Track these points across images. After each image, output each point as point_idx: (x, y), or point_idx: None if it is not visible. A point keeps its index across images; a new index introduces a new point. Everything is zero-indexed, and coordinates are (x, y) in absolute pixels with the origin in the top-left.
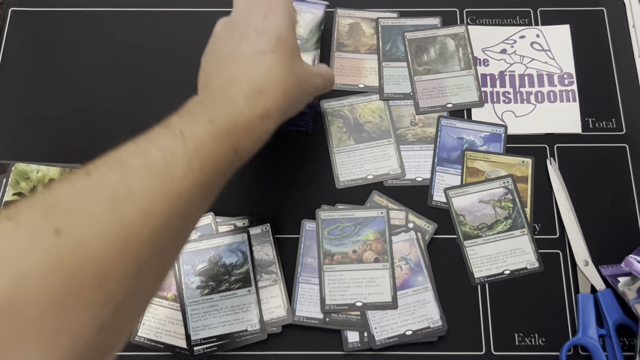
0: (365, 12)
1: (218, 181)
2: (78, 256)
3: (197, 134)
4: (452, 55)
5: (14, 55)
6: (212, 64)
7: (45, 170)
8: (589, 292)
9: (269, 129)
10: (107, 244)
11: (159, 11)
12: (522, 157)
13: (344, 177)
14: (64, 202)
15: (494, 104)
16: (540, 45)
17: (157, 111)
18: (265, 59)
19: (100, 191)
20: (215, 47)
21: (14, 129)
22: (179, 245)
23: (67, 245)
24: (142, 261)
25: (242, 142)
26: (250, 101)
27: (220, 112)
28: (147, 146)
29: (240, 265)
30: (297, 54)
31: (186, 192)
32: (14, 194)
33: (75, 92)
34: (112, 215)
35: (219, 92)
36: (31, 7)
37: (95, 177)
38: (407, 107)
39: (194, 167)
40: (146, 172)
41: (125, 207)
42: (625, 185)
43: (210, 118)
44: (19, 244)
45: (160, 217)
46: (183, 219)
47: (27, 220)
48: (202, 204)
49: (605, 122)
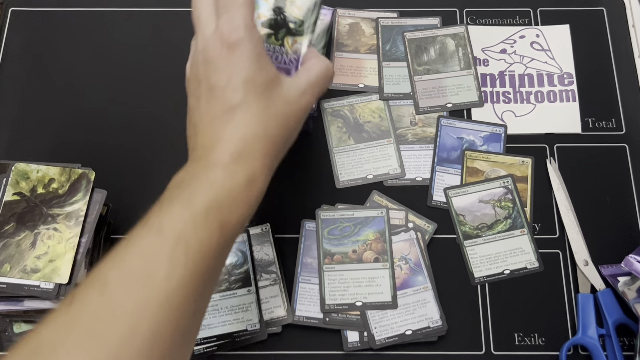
0: (365, 12)
1: (211, 266)
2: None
3: (175, 225)
4: (452, 55)
5: (13, 55)
6: (190, 125)
7: (45, 170)
8: (589, 292)
9: (259, 192)
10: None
11: (159, 11)
12: (522, 157)
13: (344, 177)
14: (46, 344)
15: (494, 103)
16: (540, 45)
17: (156, 111)
18: (237, 117)
19: (81, 323)
20: (191, 106)
21: (14, 129)
22: (187, 339)
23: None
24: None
25: (226, 218)
26: (230, 169)
27: (199, 191)
28: (126, 253)
29: (240, 265)
30: (272, 85)
31: (174, 293)
32: (14, 194)
33: (75, 91)
34: (95, 343)
35: (199, 161)
36: (31, 7)
37: (77, 306)
38: (407, 107)
39: (177, 264)
40: (126, 285)
41: (108, 332)
42: (625, 184)
43: (188, 201)
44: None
45: (149, 328)
46: (179, 317)
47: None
48: (201, 294)
49: (605, 122)
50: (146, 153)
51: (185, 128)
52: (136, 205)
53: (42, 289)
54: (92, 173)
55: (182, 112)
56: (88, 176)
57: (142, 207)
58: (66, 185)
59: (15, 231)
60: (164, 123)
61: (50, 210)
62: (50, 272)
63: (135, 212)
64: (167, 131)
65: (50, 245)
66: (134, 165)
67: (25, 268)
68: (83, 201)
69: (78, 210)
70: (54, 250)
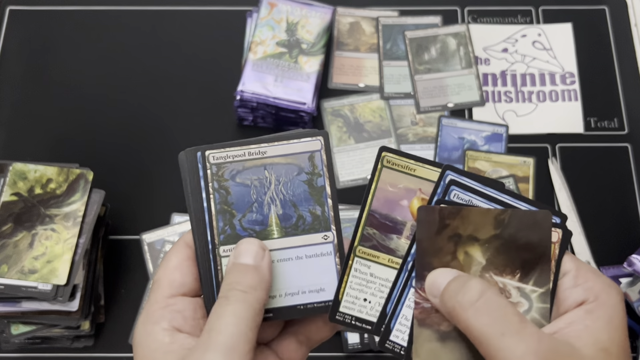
0: (366, 10)
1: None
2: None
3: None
4: (453, 54)
5: (12, 54)
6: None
7: (43, 170)
8: None
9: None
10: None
11: (158, 10)
12: (523, 156)
13: (344, 177)
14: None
15: (495, 103)
16: (542, 44)
17: (154, 111)
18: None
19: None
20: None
21: (12, 129)
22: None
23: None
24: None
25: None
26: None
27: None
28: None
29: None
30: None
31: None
32: (12, 194)
33: (72, 91)
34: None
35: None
36: (29, 6)
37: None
38: (407, 107)
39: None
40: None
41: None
42: (627, 185)
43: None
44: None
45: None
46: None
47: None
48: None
49: (607, 121)
50: (145, 153)
51: (184, 127)
52: (135, 206)
53: (39, 290)
54: (90, 173)
55: (181, 112)
56: (86, 176)
57: (141, 207)
58: (64, 185)
59: (13, 232)
60: (163, 123)
61: (48, 210)
62: (48, 273)
63: (134, 212)
64: (165, 131)
65: (48, 246)
66: (133, 166)
67: (22, 269)
68: (81, 201)
69: (76, 211)
70: (51, 251)
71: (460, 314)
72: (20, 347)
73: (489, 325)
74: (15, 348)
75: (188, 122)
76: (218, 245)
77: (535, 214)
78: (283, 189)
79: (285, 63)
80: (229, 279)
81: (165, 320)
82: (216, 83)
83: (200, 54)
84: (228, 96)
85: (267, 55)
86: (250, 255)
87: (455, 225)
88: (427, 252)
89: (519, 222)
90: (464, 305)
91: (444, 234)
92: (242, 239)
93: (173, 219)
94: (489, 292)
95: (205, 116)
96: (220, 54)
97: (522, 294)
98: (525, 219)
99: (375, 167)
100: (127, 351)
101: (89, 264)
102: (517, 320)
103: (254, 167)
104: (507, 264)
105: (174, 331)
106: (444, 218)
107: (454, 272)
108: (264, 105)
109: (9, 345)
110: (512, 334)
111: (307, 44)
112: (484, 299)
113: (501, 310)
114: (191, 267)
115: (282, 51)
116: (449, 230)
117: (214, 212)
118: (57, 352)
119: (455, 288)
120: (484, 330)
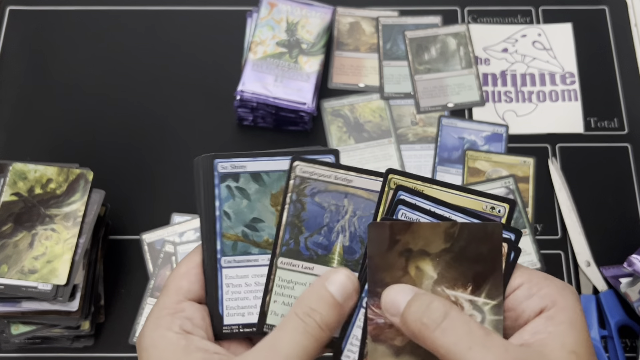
0: (366, 10)
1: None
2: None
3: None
4: (453, 54)
5: (11, 54)
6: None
7: (43, 170)
8: (591, 293)
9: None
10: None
11: (158, 10)
12: (523, 157)
13: None
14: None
15: (495, 103)
16: (542, 44)
17: (155, 110)
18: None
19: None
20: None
21: (12, 129)
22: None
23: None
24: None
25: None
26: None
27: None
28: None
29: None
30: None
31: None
32: (12, 194)
33: (73, 91)
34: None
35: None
36: (29, 6)
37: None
38: (407, 107)
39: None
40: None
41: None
42: (627, 185)
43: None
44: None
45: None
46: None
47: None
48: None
49: (607, 121)
50: (145, 153)
51: (184, 127)
52: (135, 206)
53: (39, 290)
54: (90, 173)
55: (181, 112)
56: (86, 176)
57: (141, 207)
58: (64, 185)
59: (13, 232)
60: (163, 123)
61: (48, 210)
62: (48, 273)
63: (134, 212)
64: (165, 131)
65: (48, 246)
66: (133, 165)
67: (22, 269)
68: (81, 201)
69: (76, 211)
70: (51, 251)
71: (427, 336)
72: (20, 347)
73: (455, 343)
74: (15, 348)
75: (188, 122)
76: (278, 255)
77: (485, 226)
78: (356, 222)
79: (285, 63)
80: (312, 301)
81: (176, 325)
82: (216, 83)
83: (200, 54)
84: (228, 96)
85: (267, 55)
86: (344, 291)
87: (406, 241)
88: (379, 268)
89: (469, 235)
90: (430, 326)
91: (395, 249)
92: (336, 266)
93: (173, 219)
94: (452, 311)
95: (205, 116)
96: (220, 54)
97: (474, 307)
98: (475, 232)
99: (382, 190)
100: (127, 351)
101: (89, 264)
102: (482, 333)
103: (335, 192)
104: (458, 277)
105: (187, 334)
106: (395, 234)
107: (411, 290)
108: (264, 105)
109: (9, 345)
110: (479, 347)
111: (307, 44)
112: (449, 319)
113: (466, 326)
114: (199, 275)
115: (282, 51)
116: (400, 245)
117: (284, 222)
118: (57, 352)
119: (418, 310)
120: (451, 348)
